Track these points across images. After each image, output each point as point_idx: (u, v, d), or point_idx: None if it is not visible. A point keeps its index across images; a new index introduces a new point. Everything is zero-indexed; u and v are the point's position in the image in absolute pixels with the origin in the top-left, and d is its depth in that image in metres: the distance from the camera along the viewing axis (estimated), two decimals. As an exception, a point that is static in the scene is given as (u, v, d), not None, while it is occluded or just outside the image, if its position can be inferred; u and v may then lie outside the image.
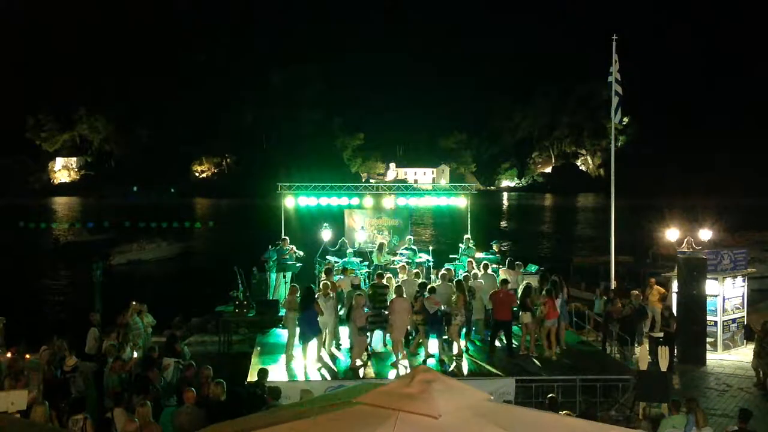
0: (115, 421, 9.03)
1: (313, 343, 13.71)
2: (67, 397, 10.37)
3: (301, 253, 18.37)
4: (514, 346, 14.63)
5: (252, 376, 12.12)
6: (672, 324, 15.25)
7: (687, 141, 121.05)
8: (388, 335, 14.65)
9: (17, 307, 23.86)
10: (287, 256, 17.63)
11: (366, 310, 13.77)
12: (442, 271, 16.23)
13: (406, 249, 18.51)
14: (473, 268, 16.81)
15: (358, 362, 13.55)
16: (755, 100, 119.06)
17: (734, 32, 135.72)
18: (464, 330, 14.80)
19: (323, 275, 16.06)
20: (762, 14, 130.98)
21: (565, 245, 52.49)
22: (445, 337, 14.41)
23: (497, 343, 14.84)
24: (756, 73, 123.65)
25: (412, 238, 19.73)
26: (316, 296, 13.88)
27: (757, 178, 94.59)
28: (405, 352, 13.98)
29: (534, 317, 14.55)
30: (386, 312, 14.21)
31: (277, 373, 12.81)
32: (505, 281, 15.17)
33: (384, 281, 15.22)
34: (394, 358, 13.84)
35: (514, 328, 15.11)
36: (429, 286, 14.42)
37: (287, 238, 18.15)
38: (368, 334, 14.10)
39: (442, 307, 13.98)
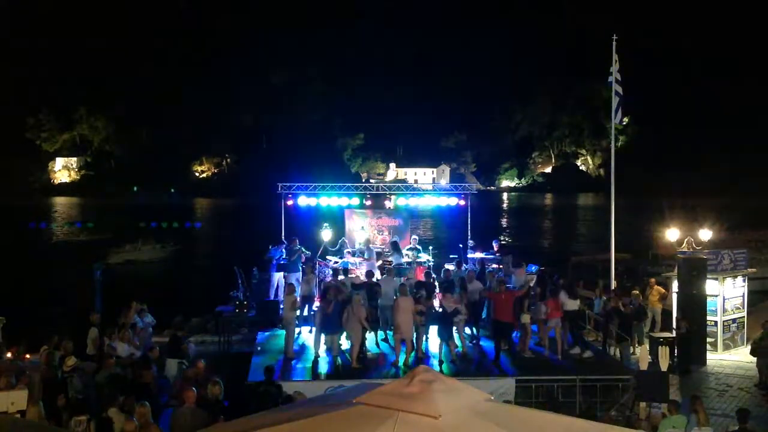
0: (113, 421, 9.02)
1: (331, 339, 13.74)
2: (66, 398, 10.35)
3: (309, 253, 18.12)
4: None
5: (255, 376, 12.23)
6: (682, 325, 15.17)
7: (687, 141, 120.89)
8: (381, 334, 14.73)
9: (17, 307, 23.79)
10: (295, 257, 17.27)
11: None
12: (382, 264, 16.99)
13: (410, 249, 18.50)
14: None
15: (356, 362, 13.57)
16: (756, 100, 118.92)
17: (734, 32, 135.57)
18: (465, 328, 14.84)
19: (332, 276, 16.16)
20: (761, 15, 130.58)
21: (564, 244, 52.41)
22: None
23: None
24: (756, 72, 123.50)
25: (417, 237, 19.77)
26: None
27: (756, 178, 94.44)
28: (408, 351, 13.95)
29: (532, 318, 14.56)
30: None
31: (277, 373, 12.80)
32: (501, 281, 15.03)
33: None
34: (394, 358, 13.83)
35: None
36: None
37: (296, 238, 17.79)
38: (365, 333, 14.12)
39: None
